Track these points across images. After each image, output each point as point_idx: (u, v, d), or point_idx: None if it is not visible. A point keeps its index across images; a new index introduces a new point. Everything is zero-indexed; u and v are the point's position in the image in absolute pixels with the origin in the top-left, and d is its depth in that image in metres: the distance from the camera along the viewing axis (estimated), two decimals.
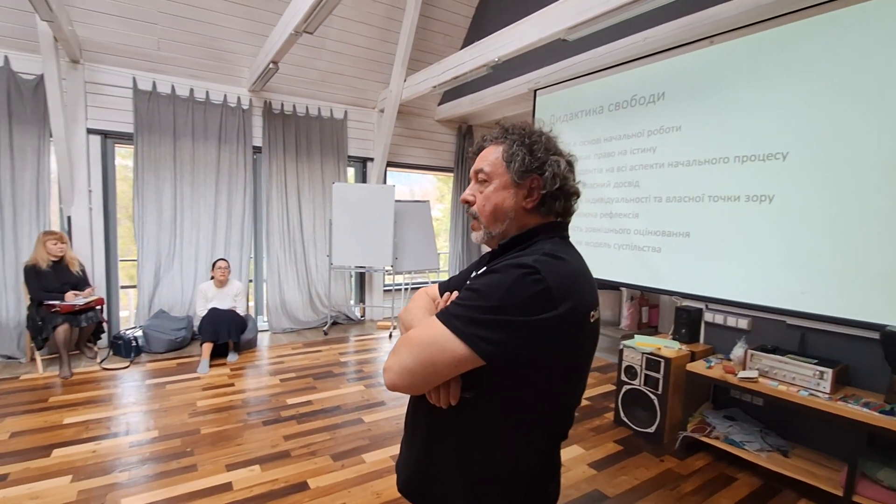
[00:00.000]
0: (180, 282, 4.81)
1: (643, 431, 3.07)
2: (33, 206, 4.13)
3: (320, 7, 3.05)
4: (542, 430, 0.90)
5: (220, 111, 4.88)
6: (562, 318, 0.80)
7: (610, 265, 3.96)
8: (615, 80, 3.84)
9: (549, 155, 0.94)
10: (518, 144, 0.94)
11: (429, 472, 0.98)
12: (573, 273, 0.86)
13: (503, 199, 0.94)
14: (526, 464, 0.90)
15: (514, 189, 0.94)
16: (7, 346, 4.04)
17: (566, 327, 0.82)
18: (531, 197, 0.94)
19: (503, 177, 0.95)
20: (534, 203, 0.94)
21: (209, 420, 3.13)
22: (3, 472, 2.44)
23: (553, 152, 0.95)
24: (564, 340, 0.83)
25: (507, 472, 0.90)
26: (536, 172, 0.93)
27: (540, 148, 0.94)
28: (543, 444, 0.92)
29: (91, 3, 3.99)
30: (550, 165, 0.93)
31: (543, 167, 0.93)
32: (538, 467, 0.92)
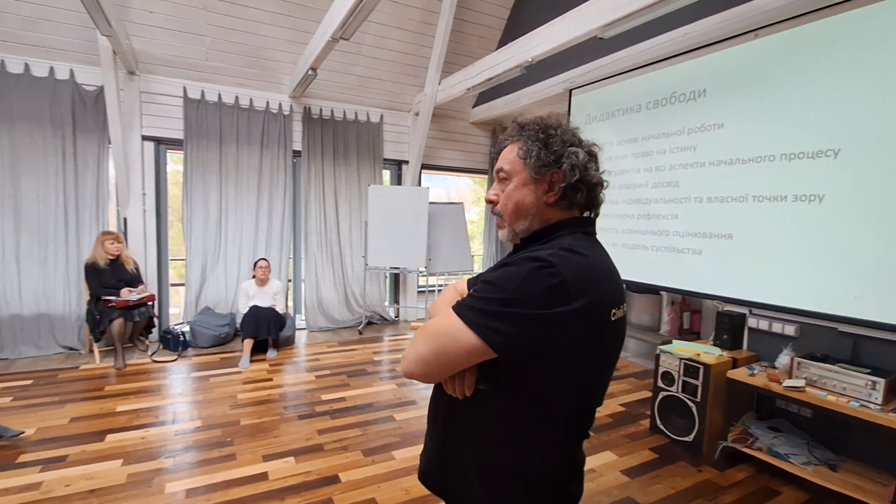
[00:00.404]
0: (224, 280, 5.04)
1: (680, 440, 2.96)
2: (93, 208, 4.45)
3: (355, 14, 3.13)
4: (559, 427, 0.89)
5: (262, 117, 5.08)
6: (577, 313, 0.79)
7: (647, 268, 3.85)
8: (653, 78, 3.74)
9: (565, 147, 0.92)
10: (533, 140, 0.93)
11: (446, 463, 0.99)
12: (592, 268, 0.84)
13: (524, 195, 0.94)
14: (544, 461, 0.89)
15: (534, 185, 0.93)
16: (69, 338, 4.36)
17: (582, 323, 0.80)
18: (552, 191, 0.92)
19: (522, 173, 0.94)
20: (555, 197, 0.93)
21: (248, 412, 3.26)
22: (62, 454, 2.63)
23: (570, 144, 0.93)
24: (580, 336, 0.82)
25: (523, 467, 0.89)
26: (554, 166, 0.91)
27: (556, 141, 0.92)
28: (562, 442, 0.90)
29: (146, 17, 4.26)
30: (568, 157, 0.91)
31: (561, 160, 0.91)
32: (557, 465, 0.91)
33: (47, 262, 4.30)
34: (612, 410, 3.52)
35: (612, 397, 3.77)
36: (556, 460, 0.90)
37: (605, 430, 3.19)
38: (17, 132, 4.12)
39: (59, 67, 4.23)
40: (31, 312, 4.25)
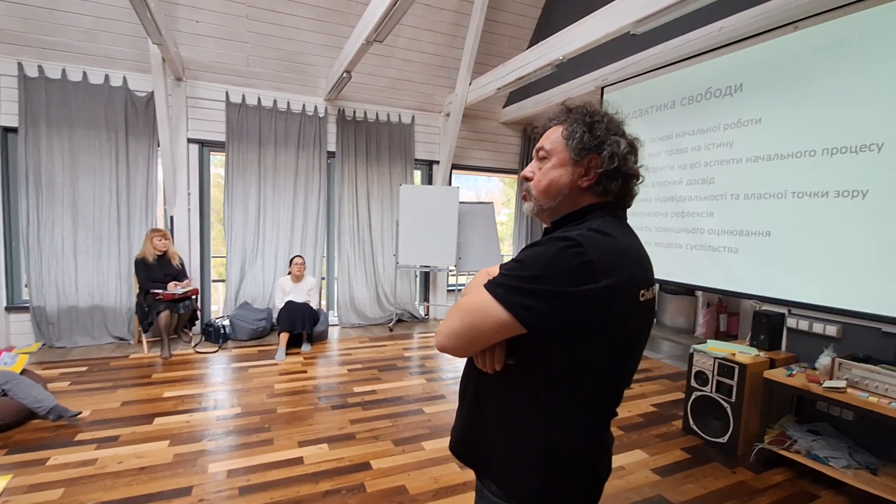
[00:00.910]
0: (262, 276, 5.24)
1: (714, 441, 2.90)
2: (143, 206, 4.72)
3: (389, 16, 3.22)
4: (586, 404, 0.91)
5: (299, 119, 5.27)
6: (603, 291, 0.81)
7: (681, 266, 3.78)
8: (688, 73, 3.68)
9: (609, 135, 0.93)
10: (578, 123, 0.95)
11: (474, 435, 1.03)
12: (620, 250, 0.86)
13: (559, 175, 0.96)
14: (568, 436, 0.91)
15: (572, 167, 0.95)
16: (119, 329, 4.63)
17: (608, 301, 0.83)
18: (588, 176, 0.94)
19: (562, 154, 0.96)
20: (590, 182, 0.94)
21: (284, 401, 3.39)
22: (115, 434, 2.82)
23: (614, 133, 0.94)
24: (607, 315, 0.84)
25: (549, 443, 0.91)
26: (595, 151, 0.93)
27: (601, 127, 0.94)
28: (588, 420, 0.93)
29: (192, 26, 4.50)
30: (610, 145, 0.92)
31: (602, 146, 0.93)
32: (582, 441, 0.93)
33: (101, 258, 4.59)
34: (644, 410, 3.47)
35: (644, 398, 3.72)
36: (581, 436, 0.92)
37: (636, 429, 3.15)
38: (76, 136, 4.43)
39: (113, 75, 4.52)
40: (86, 304, 4.55)
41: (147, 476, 2.40)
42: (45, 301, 4.42)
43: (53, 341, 4.43)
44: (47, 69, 4.31)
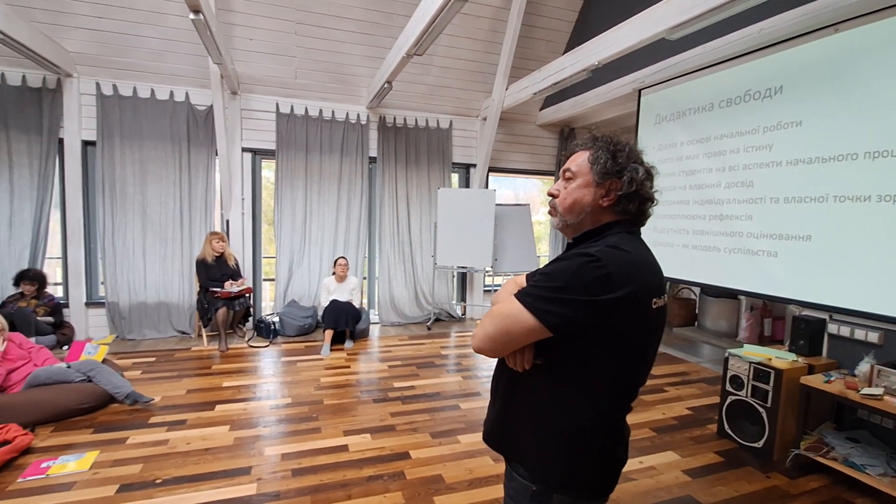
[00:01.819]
0: (308, 276, 5.56)
1: (750, 446, 2.90)
2: (203, 211, 5.12)
3: (429, 32, 3.39)
4: (605, 397, 1.03)
5: (342, 127, 5.54)
6: (620, 300, 0.94)
7: (719, 269, 3.76)
8: (727, 76, 3.65)
9: (629, 162, 1.06)
10: (604, 150, 1.08)
11: (506, 426, 1.17)
12: (634, 263, 0.99)
13: (583, 195, 1.09)
14: (590, 426, 1.03)
15: (595, 188, 1.07)
16: (183, 324, 5.06)
17: (625, 309, 0.95)
18: (608, 197, 1.07)
19: (586, 176, 1.09)
20: (610, 202, 1.07)
21: (330, 394, 3.64)
22: (182, 418, 3.14)
23: (634, 161, 1.07)
24: (624, 320, 0.96)
25: (572, 431, 1.04)
26: (616, 176, 1.06)
27: (623, 155, 1.07)
28: (607, 411, 1.05)
29: (247, 44, 4.84)
30: (629, 171, 1.05)
31: (623, 172, 1.06)
32: (603, 431, 1.05)
33: (166, 258, 5.02)
34: (679, 413, 3.49)
35: (680, 401, 3.73)
36: (601, 425, 1.05)
37: (669, 431, 3.19)
38: (145, 148, 4.87)
39: (177, 91, 4.93)
40: (153, 301, 4.99)
41: (212, 456, 2.68)
42: (119, 297, 4.89)
43: (125, 334, 4.90)
44: (120, 87, 4.77)
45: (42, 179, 4.61)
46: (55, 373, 3.16)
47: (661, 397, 3.80)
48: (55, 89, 4.60)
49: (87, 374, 3.24)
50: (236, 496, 2.30)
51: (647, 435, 3.12)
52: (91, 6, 4.29)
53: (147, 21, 4.45)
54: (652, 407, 3.58)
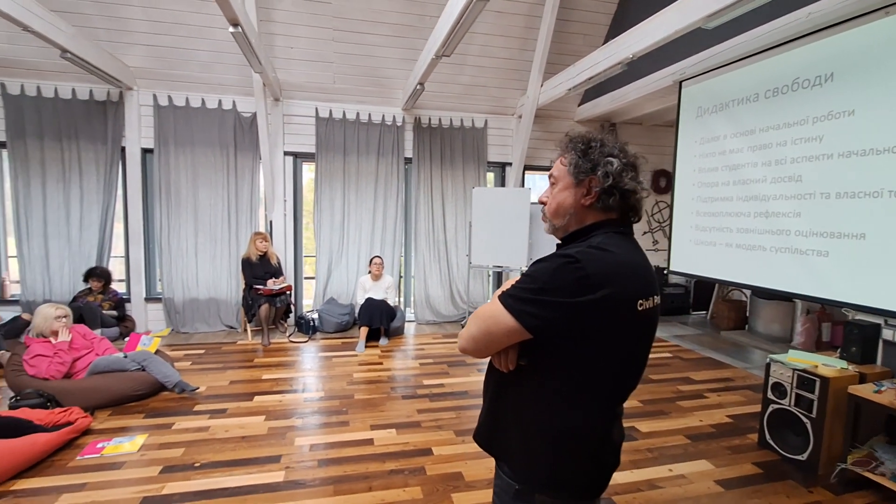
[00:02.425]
0: (346, 275, 5.73)
1: (793, 458, 2.72)
2: (248, 212, 5.41)
3: (455, 33, 3.42)
4: (589, 400, 1.02)
5: (379, 129, 5.67)
6: (599, 302, 0.92)
7: (764, 270, 3.55)
8: (773, 64, 3.44)
9: (602, 157, 1.05)
10: (575, 151, 1.08)
11: (494, 426, 1.17)
12: (616, 264, 0.97)
13: (565, 197, 1.09)
14: (575, 429, 1.03)
15: (575, 189, 1.08)
16: (229, 319, 5.37)
17: (605, 310, 0.94)
18: (589, 195, 1.06)
19: (566, 179, 1.09)
20: (591, 200, 1.06)
21: (361, 389, 3.75)
22: (223, 407, 3.34)
23: (609, 155, 1.05)
24: (604, 323, 0.95)
25: (556, 433, 1.03)
26: (591, 173, 1.05)
27: (594, 151, 1.06)
28: (593, 414, 1.03)
29: (288, 52, 5.06)
30: (603, 166, 1.04)
31: (597, 168, 1.04)
32: (589, 433, 1.04)
33: (215, 257, 5.35)
34: (717, 421, 3.32)
35: (720, 408, 3.55)
36: (586, 427, 1.03)
37: (705, 439, 3.04)
38: (196, 154, 5.21)
39: (224, 100, 5.24)
40: (204, 297, 5.33)
41: (247, 444, 2.84)
42: (174, 293, 5.26)
43: (179, 327, 5.26)
44: (175, 98, 5.13)
45: (107, 185, 5.04)
46: (113, 362, 3.46)
47: (700, 403, 3.63)
48: (118, 102, 5.01)
49: (141, 363, 3.52)
50: (265, 482, 2.43)
51: (679, 442, 3.00)
52: (148, 24, 4.64)
53: (197, 35, 4.76)
54: (689, 413, 3.44)
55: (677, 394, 3.80)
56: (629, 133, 6.61)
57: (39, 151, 4.86)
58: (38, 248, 4.93)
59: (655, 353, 4.92)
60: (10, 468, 2.38)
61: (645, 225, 6.90)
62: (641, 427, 3.19)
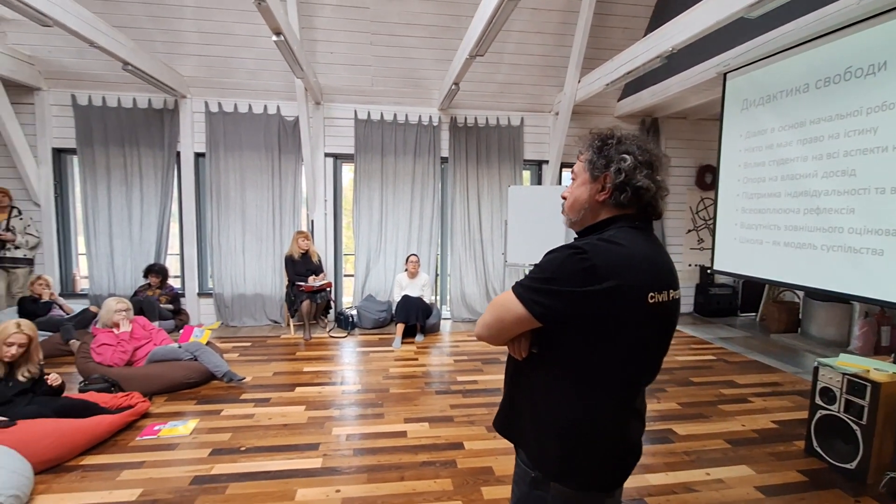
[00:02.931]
0: (384, 273, 5.88)
1: (841, 467, 2.59)
2: (291, 212, 5.65)
3: (487, 33, 3.45)
4: (598, 390, 1.04)
5: (415, 130, 5.78)
6: (605, 292, 0.95)
7: (814, 269, 3.38)
8: (823, 53, 3.26)
9: (617, 154, 1.07)
10: (591, 149, 1.12)
11: (511, 414, 1.22)
12: (625, 256, 0.99)
13: (581, 192, 1.13)
14: (584, 421, 1.05)
15: (591, 185, 1.11)
16: (274, 314, 5.63)
17: (611, 301, 0.96)
18: (604, 191, 1.09)
19: (584, 175, 1.13)
20: (605, 196, 1.08)
21: (396, 383, 3.86)
22: (267, 397, 3.53)
23: (623, 152, 1.07)
24: (610, 313, 0.97)
25: (566, 424, 1.06)
26: (605, 169, 1.08)
27: (609, 149, 1.09)
28: (602, 404, 1.05)
29: (328, 57, 5.25)
30: (617, 162, 1.07)
31: (610, 164, 1.07)
32: (599, 424, 1.05)
33: (261, 255, 5.62)
34: (761, 426, 3.19)
35: (765, 413, 3.41)
36: (596, 417, 1.05)
37: (747, 444, 2.94)
38: (244, 157, 5.49)
39: (269, 105, 5.49)
40: (251, 293, 5.62)
41: (288, 431, 3.00)
42: (223, 289, 5.57)
43: (228, 321, 5.57)
44: (224, 105, 5.42)
45: (164, 187, 5.40)
46: (169, 351, 3.72)
47: (743, 408, 3.49)
48: (173, 109, 5.36)
49: (193, 353, 3.76)
50: (303, 467, 2.57)
51: (718, 446, 2.91)
52: (199, 35, 4.93)
53: (244, 45, 5.02)
54: (730, 417, 3.32)
55: (719, 397, 3.68)
56: (673, 128, 6.40)
57: (105, 157, 5.27)
58: (104, 247, 5.35)
59: (697, 355, 4.76)
60: (80, 445, 2.63)
61: (689, 223, 6.67)
62: (678, 430, 3.12)
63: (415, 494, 2.35)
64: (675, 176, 6.52)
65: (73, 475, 2.47)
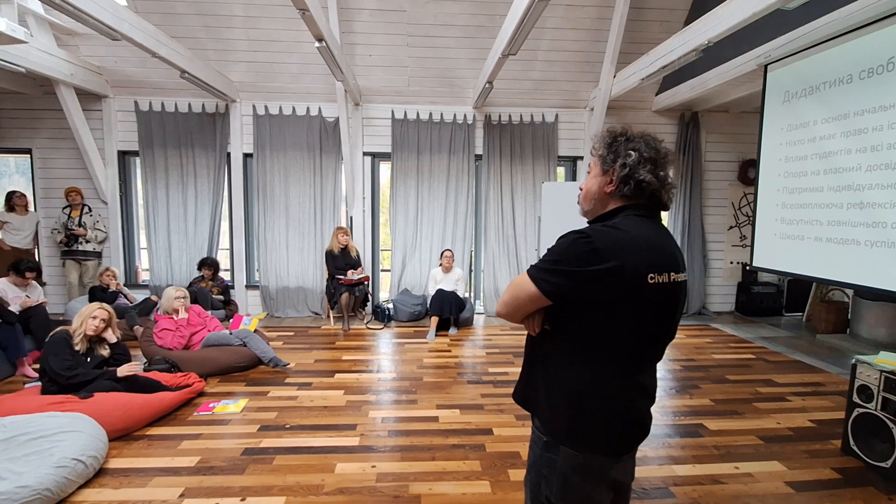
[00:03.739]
0: (419, 267, 6.06)
1: (877, 465, 2.54)
2: (331, 209, 5.92)
3: (519, 32, 3.54)
4: (604, 365, 1.14)
5: (450, 128, 5.92)
6: (606, 272, 1.05)
7: (858, 266, 3.28)
8: (867, 42, 3.16)
9: (625, 150, 1.18)
10: (603, 144, 1.23)
11: (527, 385, 1.33)
12: (626, 239, 1.09)
13: (592, 184, 1.24)
14: (591, 390, 1.15)
15: (601, 177, 1.22)
16: (315, 305, 5.93)
17: (612, 280, 1.06)
18: (611, 183, 1.19)
19: (596, 168, 1.25)
20: (612, 188, 1.19)
21: (430, 373, 4.02)
22: (309, 381, 3.77)
23: (631, 149, 1.17)
24: (611, 290, 1.07)
25: (574, 392, 1.17)
26: (614, 164, 1.19)
27: (618, 145, 1.19)
28: (608, 378, 1.14)
29: (366, 59, 5.46)
30: (623, 157, 1.17)
31: (617, 159, 1.18)
32: (603, 393, 1.15)
33: (303, 250, 5.92)
34: (797, 424, 3.15)
35: (802, 412, 3.34)
36: (601, 387, 1.15)
37: (780, 441, 2.91)
38: (288, 157, 5.80)
39: (311, 107, 5.77)
40: (293, 285, 5.93)
41: (328, 412, 3.21)
42: (269, 281, 5.91)
43: (273, 312, 5.91)
44: (270, 108, 5.74)
45: (216, 186, 5.78)
46: (221, 337, 4.03)
47: (780, 406, 3.44)
48: (224, 113, 5.72)
49: (243, 340, 4.06)
50: (342, 444, 2.77)
51: (751, 442, 2.90)
52: (247, 42, 5.25)
53: (288, 50, 5.30)
54: (765, 415, 3.28)
55: (755, 395, 3.63)
56: (713, 122, 6.25)
57: (164, 158, 5.70)
58: (162, 241, 5.80)
59: (735, 354, 4.67)
60: (147, 417, 2.93)
61: (731, 219, 6.49)
62: (710, 425, 3.12)
63: (444, 473, 2.50)
64: (715, 171, 6.36)
65: (140, 443, 2.77)
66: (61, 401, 2.77)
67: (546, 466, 1.24)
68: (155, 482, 2.38)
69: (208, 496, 2.27)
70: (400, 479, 2.43)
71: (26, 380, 3.67)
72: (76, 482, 2.26)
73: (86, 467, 2.31)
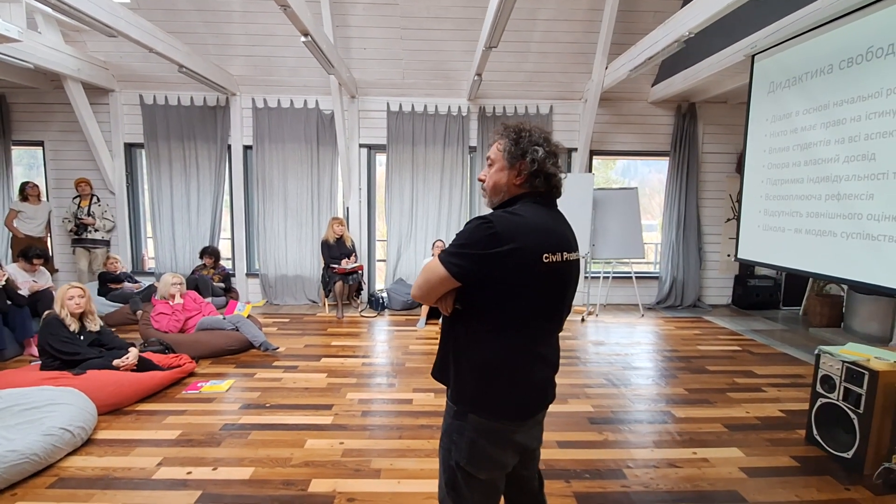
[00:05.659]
0: (414, 257, 6.17)
1: (839, 456, 2.56)
2: (328, 199, 6.06)
3: (496, 25, 3.58)
4: (507, 336, 1.24)
5: (444, 120, 5.98)
6: (506, 253, 1.15)
7: (833, 257, 3.28)
8: (847, 32, 3.13)
9: (530, 146, 1.27)
10: (508, 139, 1.31)
11: (441, 361, 1.43)
12: (523, 224, 1.19)
13: (500, 178, 1.32)
14: (494, 360, 1.25)
15: (508, 171, 1.30)
16: (311, 293, 6.10)
17: (511, 261, 1.16)
18: (520, 176, 1.28)
19: (501, 162, 1.32)
20: (521, 181, 1.28)
21: (413, 359, 4.13)
22: (295, 364, 3.93)
23: (535, 144, 1.27)
24: (511, 271, 1.17)
25: (479, 363, 1.26)
26: (521, 158, 1.27)
27: (524, 141, 1.28)
28: (510, 348, 1.24)
29: (362, 52, 5.56)
30: (531, 153, 1.26)
31: (525, 154, 1.27)
32: (504, 363, 1.25)
33: (301, 239, 6.09)
34: (766, 414, 3.17)
35: (775, 402, 3.36)
36: (503, 359, 1.25)
37: (744, 429, 2.95)
38: (286, 149, 5.95)
39: (309, 100, 5.90)
40: (291, 274, 6.11)
41: (308, 394, 3.35)
42: (268, 270, 6.09)
43: (272, 299, 6.10)
44: (269, 101, 5.89)
45: (217, 177, 5.97)
46: (214, 322, 4.21)
47: (754, 396, 3.46)
48: (224, 106, 5.89)
49: (235, 324, 4.23)
50: (315, 423, 2.90)
51: (714, 429, 2.95)
52: (246, 37, 5.39)
53: (284, 44, 5.42)
54: (736, 404, 3.32)
55: (730, 385, 3.66)
56: (711, 113, 6.19)
57: (168, 151, 5.91)
58: (167, 230, 6.02)
59: (721, 345, 4.68)
60: (137, 393, 3.12)
61: (729, 211, 6.43)
62: (677, 412, 3.17)
63: (408, 450, 2.61)
64: (712, 163, 6.31)
65: (128, 417, 2.95)
66: (56, 376, 2.96)
67: (455, 433, 1.33)
68: (136, 451, 2.55)
69: (183, 465, 2.43)
70: (364, 455, 2.56)
71: (32, 358, 3.91)
72: (64, 449, 2.44)
73: (73, 436, 2.49)
